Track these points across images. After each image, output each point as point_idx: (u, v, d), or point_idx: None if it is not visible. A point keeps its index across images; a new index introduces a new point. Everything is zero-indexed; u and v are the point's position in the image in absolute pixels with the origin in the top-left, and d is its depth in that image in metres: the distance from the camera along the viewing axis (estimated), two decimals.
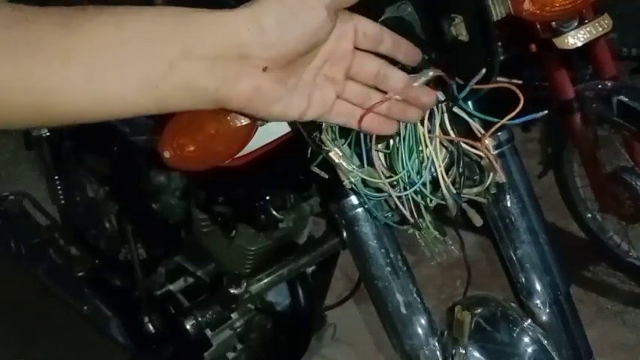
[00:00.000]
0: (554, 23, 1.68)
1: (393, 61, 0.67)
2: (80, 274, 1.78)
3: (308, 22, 0.58)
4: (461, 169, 0.77)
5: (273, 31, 0.58)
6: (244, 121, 0.66)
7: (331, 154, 0.75)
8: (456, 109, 0.77)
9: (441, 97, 0.74)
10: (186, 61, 0.57)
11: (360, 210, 0.90)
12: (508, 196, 0.92)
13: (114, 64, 0.55)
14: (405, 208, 0.80)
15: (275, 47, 0.58)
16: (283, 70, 0.60)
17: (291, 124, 0.84)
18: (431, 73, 0.71)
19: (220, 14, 0.58)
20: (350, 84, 0.66)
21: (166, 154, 0.71)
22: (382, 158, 0.78)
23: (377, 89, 0.67)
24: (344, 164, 0.75)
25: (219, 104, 0.60)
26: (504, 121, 0.73)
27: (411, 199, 0.79)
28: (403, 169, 0.76)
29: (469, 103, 0.78)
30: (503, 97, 0.72)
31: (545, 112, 0.89)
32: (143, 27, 0.57)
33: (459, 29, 0.75)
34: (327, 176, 0.80)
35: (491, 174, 0.80)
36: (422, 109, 0.69)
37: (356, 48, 0.64)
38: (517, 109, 0.70)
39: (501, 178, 0.80)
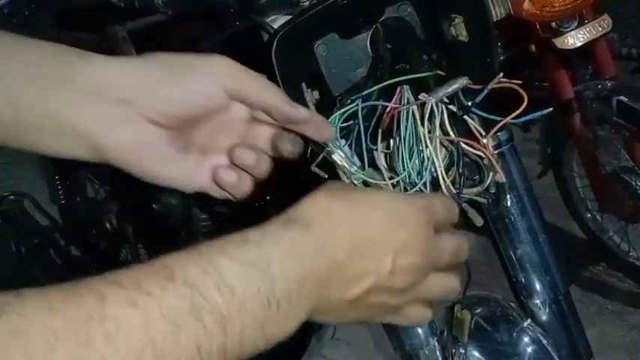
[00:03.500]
0: (553, 23, 1.68)
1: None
2: (80, 274, 1.78)
3: (197, 88, 0.55)
4: (461, 169, 0.77)
5: (163, 83, 0.54)
6: None
7: (334, 156, 0.75)
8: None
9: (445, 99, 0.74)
10: (61, 88, 0.53)
11: None
12: (508, 196, 0.92)
13: None
14: None
15: (164, 102, 0.54)
16: (177, 130, 0.56)
17: None
18: (459, 84, 0.71)
19: (114, 58, 0.55)
20: (241, 150, 0.61)
21: None
22: (383, 159, 0.78)
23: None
24: (346, 166, 0.75)
25: (95, 152, 0.55)
26: (508, 119, 0.73)
27: None
28: (404, 169, 0.76)
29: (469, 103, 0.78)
30: (501, 97, 0.72)
31: (550, 109, 0.89)
32: (29, 50, 0.54)
33: (458, 29, 0.75)
34: (327, 176, 0.81)
35: (491, 174, 0.80)
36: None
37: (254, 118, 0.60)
38: (521, 108, 0.70)
39: (501, 178, 0.80)
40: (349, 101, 0.76)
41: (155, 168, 0.57)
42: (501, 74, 0.71)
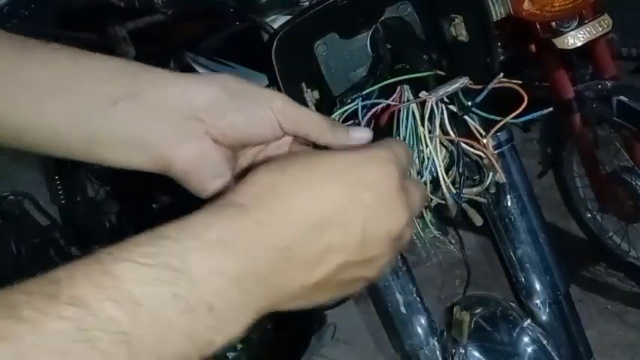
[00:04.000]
0: (554, 23, 1.68)
1: None
2: None
3: (257, 120, 0.56)
4: (461, 169, 0.77)
5: (229, 108, 0.56)
6: None
7: None
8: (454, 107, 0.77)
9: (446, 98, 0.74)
10: (130, 103, 0.54)
11: None
12: (508, 196, 0.92)
13: (55, 93, 0.54)
14: None
15: (227, 124, 0.56)
16: (230, 150, 0.58)
17: None
18: (459, 83, 0.71)
19: (180, 75, 0.57)
20: None
21: None
22: None
23: None
24: None
25: (160, 164, 0.56)
26: (508, 119, 0.73)
27: None
28: None
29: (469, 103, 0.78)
30: (501, 97, 0.72)
31: (550, 109, 0.89)
32: (96, 65, 0.56)
33: (458, 29, 0.76)
34: None
35: (491, 174, 0.80)
36: None
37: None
38: (521, 107, 0.70)
39: (502, 178, 0.80)
40: (349, 100, 0.76)
41: (209, 183, 0.58)
42: (501, 74, 0.71)
